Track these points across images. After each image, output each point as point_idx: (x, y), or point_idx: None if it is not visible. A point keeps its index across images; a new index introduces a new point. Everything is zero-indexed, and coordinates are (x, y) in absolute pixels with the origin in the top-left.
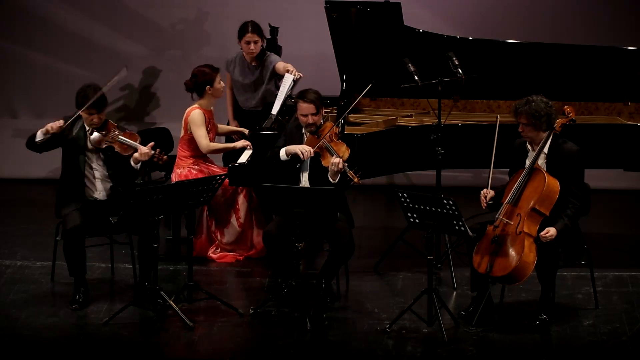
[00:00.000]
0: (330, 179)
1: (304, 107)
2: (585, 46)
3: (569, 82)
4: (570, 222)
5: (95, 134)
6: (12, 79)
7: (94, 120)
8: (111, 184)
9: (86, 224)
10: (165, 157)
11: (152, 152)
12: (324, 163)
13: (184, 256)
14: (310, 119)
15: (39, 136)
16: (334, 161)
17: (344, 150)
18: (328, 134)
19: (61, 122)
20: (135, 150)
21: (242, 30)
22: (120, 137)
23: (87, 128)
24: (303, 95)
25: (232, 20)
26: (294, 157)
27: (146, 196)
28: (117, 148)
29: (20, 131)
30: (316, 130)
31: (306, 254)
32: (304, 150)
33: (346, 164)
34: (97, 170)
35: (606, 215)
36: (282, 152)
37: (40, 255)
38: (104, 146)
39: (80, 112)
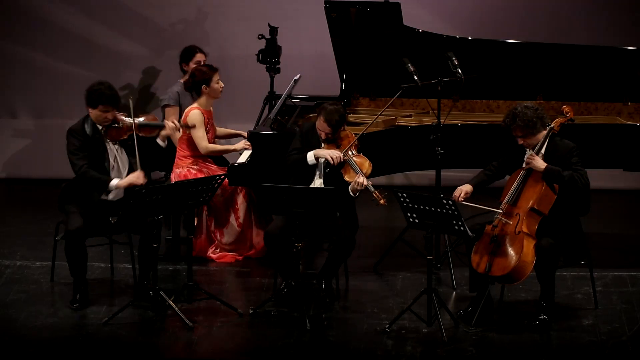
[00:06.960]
0: (351, 194)
1: (322, 125)
2: (585, 46)
3: (568, 82)
4: (564, 175)
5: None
6: (12, 79)
7: (108, 116)
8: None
9: (88, 225)
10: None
11: (178, 124)
12: (346, 178)
13: (183, 256)
14: (324, 135)
15: (113, 187)
16: (359, 180)
17: (367, 166)
18: (349, 149)
19: (141, 175)
20: (161, 128)
21: (189, 54)
22: (143, 121)
23: (100, 127)
24: (327, 113)
25: (232, 20)
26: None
27: (146, 196)
28: (142, 133)
29: (20, 131)
30: (333, 139)
31: (306, 253)
32: (333, 155)
33: (370, 182)
34: (114, 170)
35: (606, 215)
36: (310, 156)
37: (40, 255)
38: (126, 136)
39: (94, 110)
